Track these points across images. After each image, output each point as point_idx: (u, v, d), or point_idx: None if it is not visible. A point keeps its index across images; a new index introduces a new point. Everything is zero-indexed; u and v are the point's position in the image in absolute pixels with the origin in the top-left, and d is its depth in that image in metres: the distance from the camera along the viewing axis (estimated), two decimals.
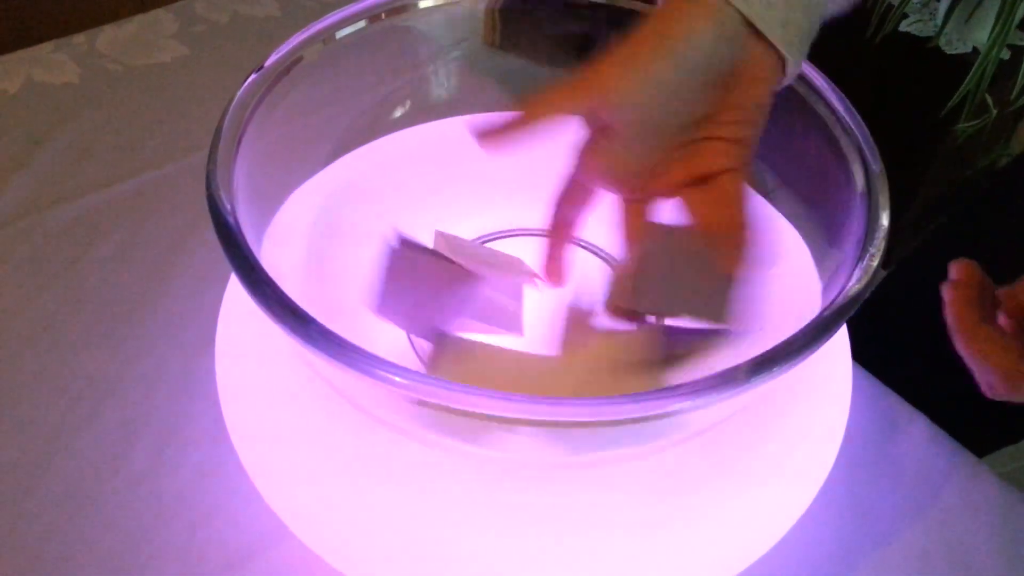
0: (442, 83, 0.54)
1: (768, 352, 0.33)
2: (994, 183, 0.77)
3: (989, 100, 1.27)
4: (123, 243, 0.60)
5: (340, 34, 0.48)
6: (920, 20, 1.43)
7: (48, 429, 0.49)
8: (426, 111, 0.55)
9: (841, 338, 0.46)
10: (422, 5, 0.51)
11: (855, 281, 0.37)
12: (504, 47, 0.56)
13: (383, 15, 0.50)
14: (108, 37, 0.77)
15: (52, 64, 0.74)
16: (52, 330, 0.54)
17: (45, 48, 0.75)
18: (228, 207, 0.35)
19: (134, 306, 0.56)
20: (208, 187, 0.35)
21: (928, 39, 1.36)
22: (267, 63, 0.43)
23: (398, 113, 0.54)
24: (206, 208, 0.37)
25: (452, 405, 0.30)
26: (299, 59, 0.46)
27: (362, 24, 0.49)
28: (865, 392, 0.52)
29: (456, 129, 0.48)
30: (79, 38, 0.76)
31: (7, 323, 0.54)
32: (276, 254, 0.44)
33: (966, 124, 1.31)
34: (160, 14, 0.79)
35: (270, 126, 0.44)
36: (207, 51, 0.76)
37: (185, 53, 0.75)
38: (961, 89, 1.26)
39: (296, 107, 0.47)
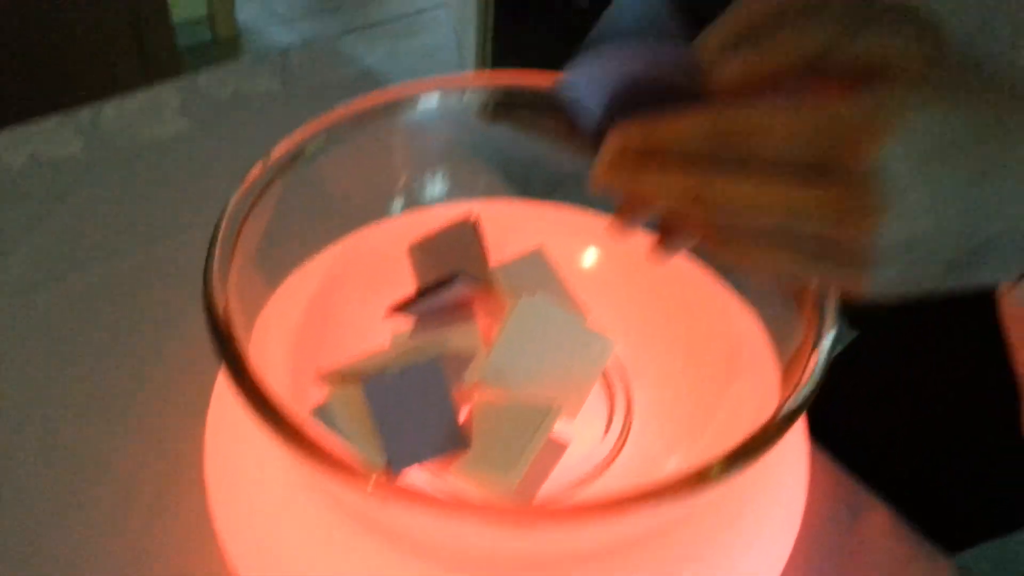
0: (438, 171, 0.57)
1: (712, 461, 0.35)
2: None
3: None
4: (121, 318, 0.62)
5: (338, 129, 0.51)
6: None
7: (40, 508, 0.51)
8: (421, 199, 0.57)
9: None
10: (421, 103, 0.53)
11: (807, 376, 0.39)
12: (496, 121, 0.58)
13: (380, 109, 0.52)
14: (112, 111, 0.80)
15: (57, 138, 0.77)
16: (48, 406, 0.56)
17: (50, 122, 0.78)
18: (222, 310, 0.37)
19: (130, 383, 0.58)
20: (204, 297, 0.37)
21: None
22: (267, 161, 0.46)
23: (393, 201, 0.57)
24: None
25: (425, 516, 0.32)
26: (301, 153, 0.49)
27: (361, 117, 0.51)
28: (824, 477, 0.54)
29: (448, 215, 0.50)
30: (84, 112, 0.79)
31: (4, 399, 0.56)
32: (268, 340, 0.46)
33: None
34: (163, 89, 0.83)
35: (266, 222, 0.47)
36: (209, 126, 0.79)
37: (187, 128, 0.79)
38: None
39: (293, 197, 0.49)
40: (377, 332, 0.49)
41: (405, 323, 0.49)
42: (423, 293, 0.46)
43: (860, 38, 0.29)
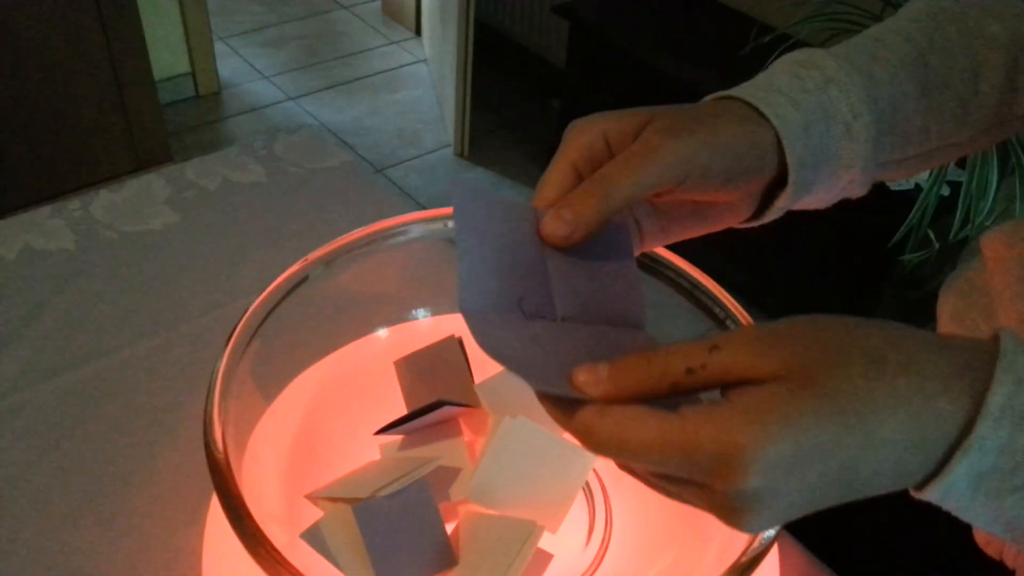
0: (423, 290, 0.59)
1: None
2: None
3: (931, 235, 1.35)
4: (114, 416, 0.63)
5: (333, 256, 0.53)
6: None
7: None
8: (407, 316, 0.60)
9: None
10: (412, 231, 0.56)
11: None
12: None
13: (371, 237, 0.54)
14: (103, 202, 0.82)
15: (49, 230, 0.78)
16: (45, 505, 0.57)
17: (42, 213, 0.80)
18: (221, 448, 0.39)
19: (125, 480, 0.59)
20: (205, 436, 0.39)
21: None
22: (267, 296, 0.48)
23: (381, 318, 0.59)
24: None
25: None
26: (305, 278, 0.51)
27: (352, 246, 0.54)
28: (794, 567, 0.56)
29: (433, 331, 0.53)
30: (75, 203, 0.81)
31: (1, 499, 0.58)
32: (263, 456, 0.48)
33: (912, 255, 1.38)
34: (152, 179, 0.85)
35: (263, 345, 0.49)
36: (197, 217, 0.81)
37: (176, 220, 0.81)
38: (905, 224, 1.34)
39: (288, 319, 0.51)
40: (367, 444, 0.51)
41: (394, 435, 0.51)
42: (409, 417, 0.49)
43: (716, 352, 0.29)
